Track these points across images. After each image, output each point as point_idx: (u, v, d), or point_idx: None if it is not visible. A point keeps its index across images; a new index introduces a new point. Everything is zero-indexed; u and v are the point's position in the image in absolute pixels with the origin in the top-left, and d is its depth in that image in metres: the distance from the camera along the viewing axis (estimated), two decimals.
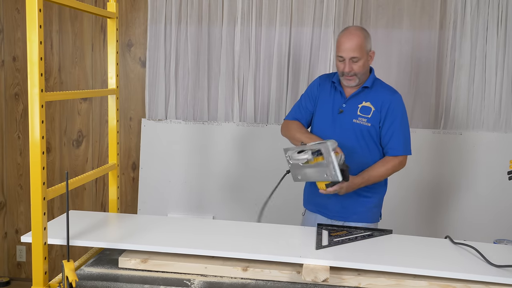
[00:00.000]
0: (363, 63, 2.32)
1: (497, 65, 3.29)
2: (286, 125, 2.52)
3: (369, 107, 2.35)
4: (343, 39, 2.31)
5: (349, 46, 2.28)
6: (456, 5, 3.27)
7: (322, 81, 2.50)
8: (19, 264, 3.89)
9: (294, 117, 2.51)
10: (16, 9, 3.66)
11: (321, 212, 2.44)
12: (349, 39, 2.29)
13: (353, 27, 2.38)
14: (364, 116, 2.34)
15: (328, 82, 2.47)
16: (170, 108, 3.51)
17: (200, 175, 3.48)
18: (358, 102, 2.36)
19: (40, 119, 1.61)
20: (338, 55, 2.32)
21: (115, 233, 2.00)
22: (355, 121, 2.34)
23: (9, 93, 3.74)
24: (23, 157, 3.78)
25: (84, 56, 3.65)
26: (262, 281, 1.71)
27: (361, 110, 2.35)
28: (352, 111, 2.36)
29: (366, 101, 2.35)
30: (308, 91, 2.53)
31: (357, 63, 2.30)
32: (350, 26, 2.45)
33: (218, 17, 3.42)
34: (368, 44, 2.33)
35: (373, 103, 2.35)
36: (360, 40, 2.29)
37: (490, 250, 1.84)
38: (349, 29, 2.35)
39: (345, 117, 2.35)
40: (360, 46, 2.29)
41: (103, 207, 3.75)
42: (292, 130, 2.44)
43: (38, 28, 1.58)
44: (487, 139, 3.32)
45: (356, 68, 2.30)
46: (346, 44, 2.29)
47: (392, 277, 1.70)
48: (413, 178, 3.37)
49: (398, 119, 2.34)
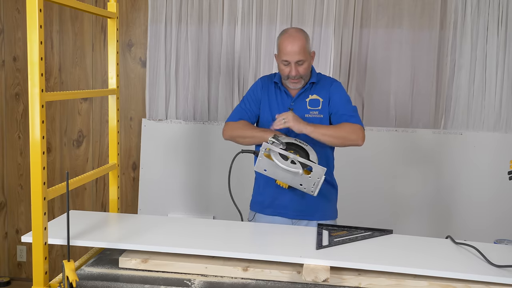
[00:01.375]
0: (308, 65, 2.32)
1: (498, 65, 3.29)
2: (231, 126, 2.41)
3: (317, 99, 2.35)
4: (286, 43, 2.28)
5: (294, 50, 2.26)
6: (456, 5, 3.27)
7: (264, 82, 2.46)
8: (20, 264, 3.89)
9: (239, 118, 2.43)
10: (16, 9, 3.66)
11: (281, 214, 2.38)
12: (293, 43, 2.27)
13: (293, 29, 2.35)
14: (314, 109, 2.35)
15: (271, 83, 2.44)
16: (171, 108, 3.51)
17: (201, 175, 3.48)
18: (305, 97, 2.37)
19: (41, 119, 1.61)
20: (283, 60, 2.29)
21: (115, 233, 2.00)
22: (307, 115, 2.33)
23: (10, 93, 3.74)
24: (24, 157, 3.78)
25: (85, 56, 3.65)
26: (262, 281, 1.71)
27: (310, 104, 2.35)
28: (302, 106, 2.35)
29: (312, 94, 2.36)
30: (251, 94, 2.46)
31: (303, 65, 2.29)
32: (288, 28, 2.39)
33: (218, 17, 3.43)
34: (309, 45, 2.33)
35: (320, 94, 2.36)
36: (303, 43, 2.28)
37: (491, 250, 1.84)
38: (289, 32, 2.32)
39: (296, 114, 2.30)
40: (304, 48, 2.27)
41: (104, 207, 3.75)
42: (241, 129, 2.36)
43: (39, 28, 1.58)
44: (487, 139, 3.32)
45: (301, 70, 2.29)
46: (291, 48, 2.26)
47: (393, 277, 1.69)
48: (414, 178, 3.37)
49: (344, 93, 2.39)
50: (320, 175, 2.10)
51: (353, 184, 3.37)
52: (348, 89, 3.39)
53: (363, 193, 3.37)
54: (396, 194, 3.38)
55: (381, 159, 3.38)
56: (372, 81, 3.39)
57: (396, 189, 3.38)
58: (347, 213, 3.32)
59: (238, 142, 2.38)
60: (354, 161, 3.30)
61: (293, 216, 2.37)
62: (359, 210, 3.34)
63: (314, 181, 2.10)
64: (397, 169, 3.37)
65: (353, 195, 3.37)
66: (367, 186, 3.37)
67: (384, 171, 3.37)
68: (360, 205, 3.36)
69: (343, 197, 3.34)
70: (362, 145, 2.29)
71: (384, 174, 3.37)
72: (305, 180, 2.11)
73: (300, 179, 2.11)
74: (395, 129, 3.37)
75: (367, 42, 3.37)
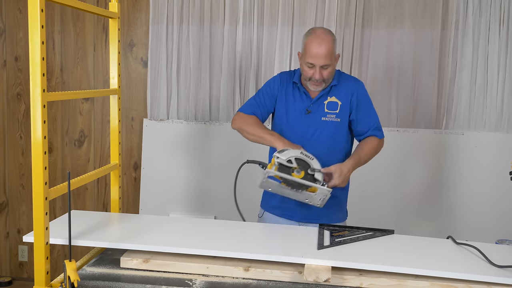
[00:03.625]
0: (333, 69, 2.24)
1: (499, 65, 3.28)
2: (241, 118, 2.37)
3: (336, 102, 2.30)
4: (313, 45, 2.18)
5: (321, 53, 2.17)
6: (458, 5, 3.27)
7: (283, 79, 2.38)
8: (21, 264, 3.90)
9: (252, 112, 2.37)
10: (18, 9, 3.67)
11: (288, 216, 2.37)
12: (320, 46, 2.17)
13: (321, 30, 2.24)
14: (332, 113, 2.30)
15: (289, 81, 2.37)
16: (172, 108, 3.51)
17: (202, 175, 3.48)
18: (324, 99, 2.31)
19: (42, 119, 1.61)
20: (308, 62, 2.20)
21: (117, 233, 2.00)
22: (324, 119, 2.29)
23: (11, 93, 3.75)
24: (25, 157, 3.78)
25: (86, 56, 3.65)
26: (263, 281, 1.71)
27: (328, 107, 2.30)
28: (320, 109, 2.30)
29: (331, 96, 2.30)
30: (267, 88, 2.40)
31: (328, 69, 2.21)
32: (317, 28, 2.27)
33: (219, 17, 3.43)
34: (336, 48, 2.24)
35: (339, 97, 2.30)
36: (331, 46, 2.18)
37: (492, 251, 1.84)
38: (318, 33, 2.21)
39: (313, 117, 2.30)
40: (331, 52, 2.18)
41: (105, 207, 3.76)
42: (252, 125, 2.31)
43: (40, 28, 1.58)
44: (489, 139, 3.32)
45: (326, 74, 2.21)
46: (318, 51, 2.17)
47: (394, 277, 1.69)
48: (415, 178, 3.37)
49: (370, 102, 2.36)
50: (325, 194, 2.08)
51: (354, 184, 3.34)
52: None
53: (364, 193, 3.36)
54: (397, 194, 3.38)
55: (383, 159, 3.36)
56: (374, 81, 3.39)
57: (397, 189, 3.38)
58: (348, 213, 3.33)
59: (244, 136, 2.35)
60: None
61: (300, 219, 2.35)
62: (361, 210, 3.34)
63: (320, 197, 2.08)
64: (399, 169, 3.37)
65: (355, 195, 3.35)
66: (368, 186, 3.36)
67: (386, 171, 3.36)
68: (362, 205, 3.35)
69: None
70: None
71: (385, 174, 3.37)
72: (311, 197, 2.09)
73: (305, 196, 2.09)
74: (396, 129, 3.37)
75: (368, 42, 3.37)
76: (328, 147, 2.29)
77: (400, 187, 3.37)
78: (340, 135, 2.33)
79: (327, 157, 2.23)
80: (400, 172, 3.38)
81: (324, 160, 2.15)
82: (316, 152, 2.15)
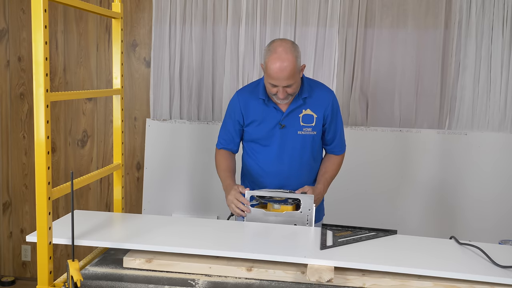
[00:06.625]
0: (297, 84, 2.18)
1: (503, 65, 3.28)
2: (215, 156, 2.43)
3: (311, 115, 2.26)
4: (274, 67, 2.08)
5: (283, 76, 2.08)
6: (461, 4, 3.26)
7: (241, 100, 2.31)
8: (24, 264, 3.91)
9: (223, 146, 2.40)
10: (21, 9, 3.68)
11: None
12: (282, 69, 2.07)
13: (281, 49, 2.10)
14: (308, 126, 2.27)
15: (253, 98, 2.29)
16: (175, 108, 3.52)
17: (205, 175, 3.48)
18: (298, 112, 2.26)
19: (45, 119, 1.61)
20: (270, 82, 2.13)
21: (119, 233, 2.00)
22: (300, 132, 2.27)
23: (15, 93, 3.76)
24: (28, 157, 3.79)
25: (89, 56, 3.66)
26: (266, 281, 1.71)
27: (303, 120, 2.26)
28: (295, 123, 2.26)
29: (306, 108, 2.26)
30: (231, 114, 2.35)
31: (292, 87, 2.14)
32: (277, 45, 2.11)
33: (222, 17, 3.43)
34: (299, 62, 2.14)
35: (314, 109, 2.26)
36: (293, 66, 2.08)
37: (496, 251, 1.83)
38: (278, 53, 2.08)
39: (288, 131, 2.27)
40: (293, 71, 2.09)
41: (108, 207, 3.76)
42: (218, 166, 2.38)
43: (43, 29, 1.58)
44: (492, 139, 3.31)
45: (290, 91, 2.16)
46: (279, 75, 2.08)
47: (397, 277, 1.69)
48: (418, 179, 3.36)
49: (339, 118, 2.37)
50: (309, 205, 2.09)
51: (357, 185, 3.36)
52: (352, 89, 3.39)
53: (367, 193, 3.36)
54: (400, 194, 3.37)
55: (386, 159, 3.37)
56: (377, 81, 3.38)
57: (400, 189, 3.37)
58: (351, 214, 3.33)
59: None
60: (358, 162, 3.30)
61: None
62: (363, 210, 3.34)
63: (306, 214, 2.10)
64: (402, 170, 3.37)
65: (358, 195, 3.37)
66: (371, 186, 3.36)
67: (388, 171, 3.36)
68: (364, 205, 3.36)
69: (348, 198, 3.35)
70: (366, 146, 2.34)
71: (388, 175, 3.36)
72: (297, 217, 2.11)
73: (292, 220, 2.11)
74: (399, 130, 3.36)
75: (371, 42, 3.37)
76: (306, 160, 2.32)
77: (403, 187, 3.36)
78: (317, 147, 2.36)
79: (305, 169, 2.29)
80: (403, 173, 3.37)
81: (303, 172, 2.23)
82: (294, 166, 2.23)
